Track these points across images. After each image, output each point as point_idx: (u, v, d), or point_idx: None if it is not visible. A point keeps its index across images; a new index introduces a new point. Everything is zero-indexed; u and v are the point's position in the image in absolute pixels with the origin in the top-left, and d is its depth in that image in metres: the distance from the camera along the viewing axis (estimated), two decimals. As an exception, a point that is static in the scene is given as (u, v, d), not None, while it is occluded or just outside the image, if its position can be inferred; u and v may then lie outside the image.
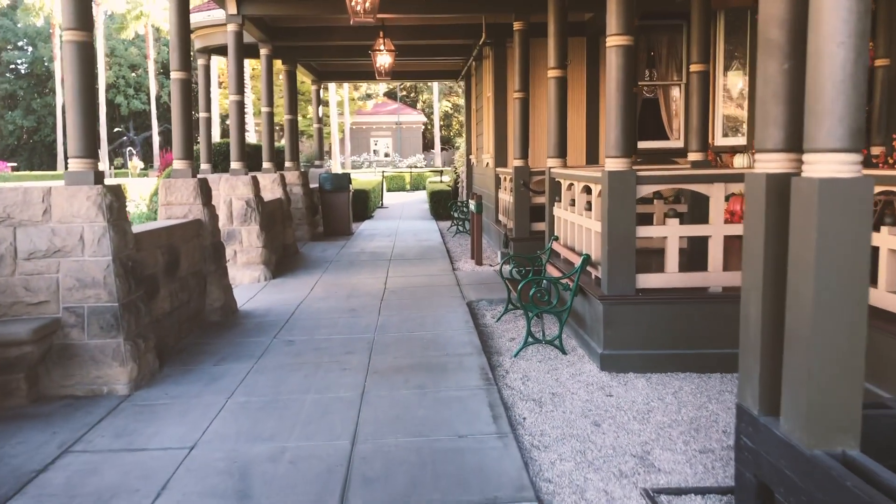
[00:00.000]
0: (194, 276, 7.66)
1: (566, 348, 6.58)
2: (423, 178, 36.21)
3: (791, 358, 3.04)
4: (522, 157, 10.81)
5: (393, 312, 8.12)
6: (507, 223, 11.84)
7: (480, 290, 9.34)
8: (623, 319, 5.90)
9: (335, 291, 9.58)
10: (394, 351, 6.53)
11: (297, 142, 15.33)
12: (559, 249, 7.69)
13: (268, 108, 12.97)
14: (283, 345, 6.86)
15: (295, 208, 14.78)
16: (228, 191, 10.56)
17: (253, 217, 10.54)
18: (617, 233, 5.85)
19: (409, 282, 10.15)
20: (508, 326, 7.61)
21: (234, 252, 10.52)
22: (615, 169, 5.85)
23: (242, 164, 10.67)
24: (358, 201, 19.85)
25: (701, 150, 8.29)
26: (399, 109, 58.60)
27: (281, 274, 11.00)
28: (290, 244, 12.95)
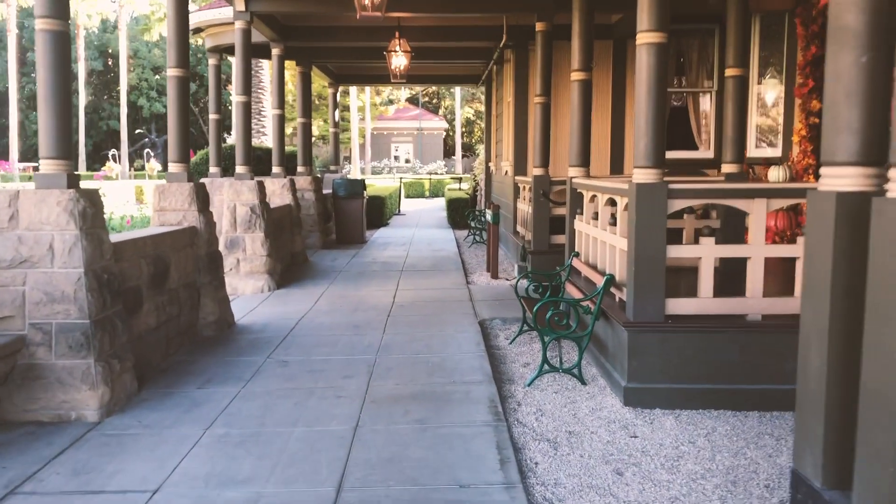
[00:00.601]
0: (186, 288, 7.13)
1: (586, 377, 5.96)
2: (442, 185, 35.67)
3: (870, 423, 2.41)
4: (543, 166, 10.21)
5: (399, 330, 7.54)
6: (526, 235, 11.24)
7: (495, 307, 8.74)
8: (650, 349, 5.28)
9: (340, 305, 9.02)
10: (395, 376, 5.95)
11: (309, 146, 14.84)
12: (580, 267, 7.08)
13: (278, 111, 12.48)
14: (277, 366, 6.30)
15: (306, 215, 14.27)
16: (233, 196, 10.06)
17: (258, 224, 10.02)
18: (645, 252, 5.24)
19: (419, 295, 9.57)
20: (523, 349, 7.00)
21: (237, 260, 10.01)
22: (644, 181, 5.24)
23: (248, 168, 10.17)
24: (373, 208, 19.33)
25: (736, 161, 7.64)
26: (421, 115, 58.20)
27: (286, 284, 10.47)
28: (299, 252, 12.43)
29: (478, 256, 13.73)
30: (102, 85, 65.51)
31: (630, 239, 5.34)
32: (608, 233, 6.25)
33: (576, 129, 7.68)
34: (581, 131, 7.66)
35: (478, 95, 60.77)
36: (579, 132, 7.66)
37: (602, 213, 6.54)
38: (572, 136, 7.74)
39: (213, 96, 13.67)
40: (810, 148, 9.78)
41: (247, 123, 10.15)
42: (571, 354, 6.51)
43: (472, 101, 61.05)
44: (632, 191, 5.29)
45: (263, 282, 9.98)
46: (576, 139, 7.68)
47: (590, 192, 7.10)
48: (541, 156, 10.22)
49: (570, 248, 7.80)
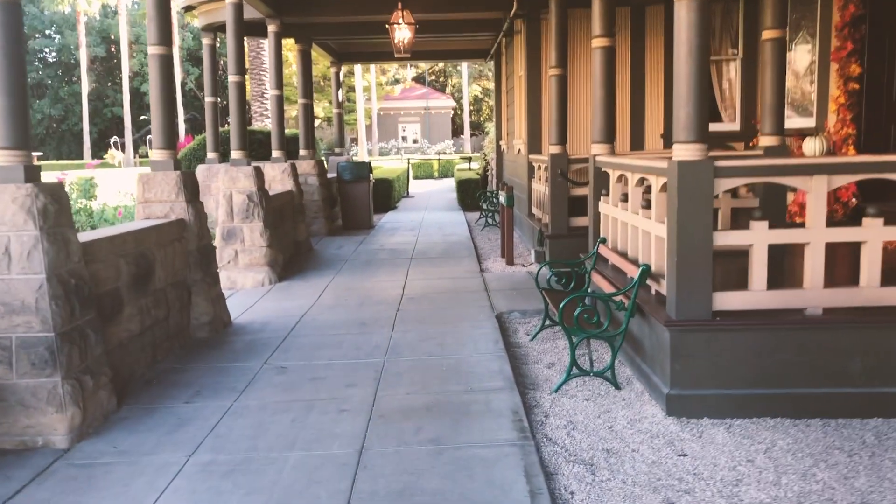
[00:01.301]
0: (175, 288, 6.51)
1: (619, 380, 5.30)
2: (451, 165, 34.91)
3: None
4: (560, 143, 9.49)
5: (409, 327, 6.90)
6: (542, 217, 10.55)
7: (512, 297, 8.07)
8: (696, 351, 4.61)
9: (346, 298, 8.38)
10: (406, 383, 5.31)
11: (312, 128, 14.15)
12: (607, 254, 6.40)
13: (276, 92, 11.79)
14: (274, 373, 5.68)
15: (310, 200, 13.62)
16: (228, 183, 9.41)
17: (256, 213, 9.37)
18: (689, 240, 4.55)
19: (430, 286, 8.92)
20: (546, 347, 6.35)
21: (236, 252, 9.38)
22: (687, 158, 4.54)
23: (244, 153, 9.51)
24: (380, 191, 18.66)
25: (776, 132, 6.92)
26: (428, 94, 57.30)
27: (288, 276, 9.84)
28: (303, 241, 11.79)
29: (491, 240, 13.05)
30: (105, 72, 64.82)
31: (671, 225, 4.66)
32: (641, 217, 5.56)
33: (599, 102, 6.96)
34: (605, 104, 6.95)
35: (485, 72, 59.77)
36: (603, 105, 6.94)
37: (633, 195, 5.85)
38: (595, 110, 7.03)
39: (208, 78, 12.98)
40: (849, 116, 9.00)
41: (241, 105, 9.48)
42: (602, 354, 5.86)
43: (480, 79, 60.07)
44: (672, 170, 4.60)
45: (264, 274, 9.35)
46: (599, 113, 6.96)
47: (617, 172, 6.41)
48: (557, 132, 9.50)
49: (594, 234, 7.11)
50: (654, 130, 11.71)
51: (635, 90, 11.67)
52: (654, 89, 11.62)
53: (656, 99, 11.62)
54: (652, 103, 11.65)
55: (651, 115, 11.68)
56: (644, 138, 11.74)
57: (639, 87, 11.68)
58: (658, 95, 11.60)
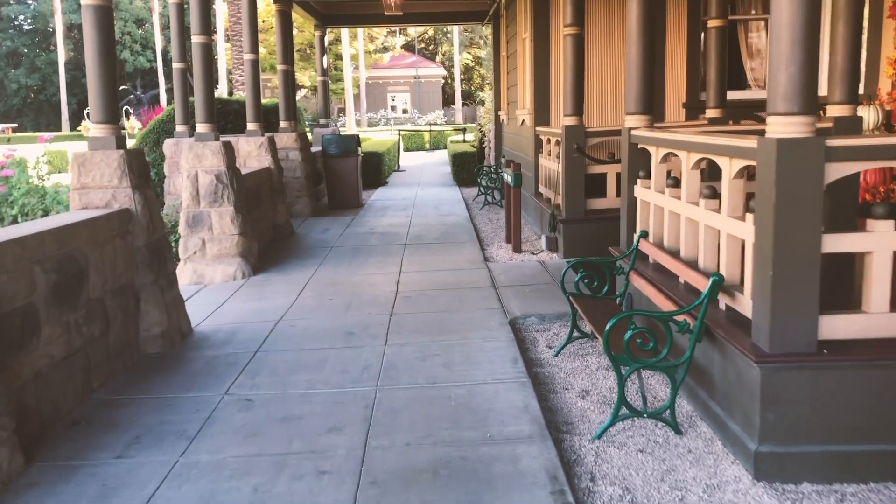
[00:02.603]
0: (117, 295, 5.27)
1: (679, 418, 4.13)
2: (443, 137, 33.49)
3: None
4: (575, 114, 8.24)
5: (406, 338, 5.70)
6: (554, 198, 9.32)
7: (525, 296, 6.87)
8: (796, 394, 3.44)
9: (330, 297, 7.16)
10: (405, 426, 4.12)
11: (293, 97, 12.80)
12: (650, 252, 5.19)
13: (251, 55, 10.44)
14: (237, 408, 4.47)
15: (292, 178, 12.33)
16: (193, 161, 8.12)
17: (226, 195, 8.11)
18: (790, 245, 3.35)
19: (428, 280, 7.71)
20: (575, 365, 5.16)
21: (203, 241, 8.13)
22: (790, 135, 3.32)
23: (211, 126, 8.21)
24: (370, 166, 17.35)
25: (848, 100, 5.67)
26: (417, 62, 55.58)
27: (265, 267, 8.59)
28: (283, 224, 10.53)
29: (492, 221, 11.82)
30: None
31: (762, 224, 3.45)
32: (703, 210, 4.35)
33: (634, 64, 5.70)
34: (641, 65, 5.68)
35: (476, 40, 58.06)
36: (638, 66, 5.68)
37: (689, 180, 4.63)
38: (629, 74, 5.77)
39: (175, 41, 11.57)
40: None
41: (207, 71, 8.16)
42: (657, 389, 4.68)
43: (471, 46, 58.40)
44: (767, 150, 3.38)
45: (236, 267, 8.11)
46: (635, 77, 5.71)
47: (662, 150, 5.18)
48: (573, 101, 8.24)
49: (627, 222, 5.90)
50: (675, 99, 10.45)
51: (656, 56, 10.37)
52: (676, 54, 10.35)
53: (678, 65, 10.35)
54: (673, 69, 10.38)
55: (672, 82, 10.41)
56: (664, 108, 10.48)
57: (659, 53, 10.39)
58: (680, 61, 10.33)
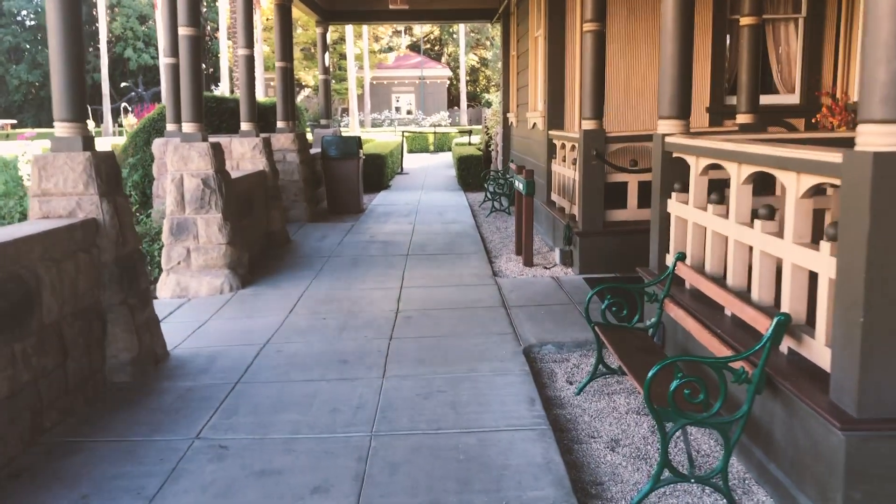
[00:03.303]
0: (78, 319, 4.61)
1: (732, 485, 3.46)
2: (448, 139, 32.83)
3: None
4: (595, 118, 7.58)
5: (407, 369, 5.04)
6: (569, 208, 8.66)
7: (540, 318, 6.20)
8: (889, 470, 2.77)
9: (324, 315, 6.50)
10: (404, 489, 3.45)
11: (291, 96, 12.15)
12: (689, 277, 4.52)
13: (246, 51, 9.80)
14: (207, 458, 3.81)
15: (289, 181, 11.68)
16: (178, 164, 7.47)
17: (213, 201, 7.45)
18: (890, 287, 2.69)
19: (432, 297, 7.05)
20: (600, 407, 4.50)
21: (187, 251, 7.47)
22: (889, 148, 2.65)
23: (198, 125, 7.56)
24: (372, 168, 16.70)
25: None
26: (423, 63, 54.94)
27: (255, 279, 7.93)
28: (278, 231, 9.87)
29: (500, 230, 11.16)
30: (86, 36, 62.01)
31: (851, 256, 2.79)
32: (760, 233, 3.69)
33: (669, 62, 5.03)
34: (677, 65, 5.01)
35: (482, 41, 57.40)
36: (675, 66, 5.01)
37: (739, 197, 3.97)
38: (663, 74, 5.10)
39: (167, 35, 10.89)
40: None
41: (195, 65, 7.50)
42: (699, 436, 4.01)
43: (477, 47, 57.79)
44: (860, 166, 2.72)
45: (223, 279, 7.46)
46: (669, 77, 5.03)
47: (704, 160, 4.51)
48: (592, 104, 7.58)
49: (660, 241, 5.22)
50: (698, 103, 9.76)
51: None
52: (700, 54, 9.67)
53: (702, 64, 9.68)
54: (697, 71, 9.67)
55: (696, 85, 9.66)
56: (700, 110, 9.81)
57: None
58: (704, 62, 9.67)
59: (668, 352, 4.71)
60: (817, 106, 9.45)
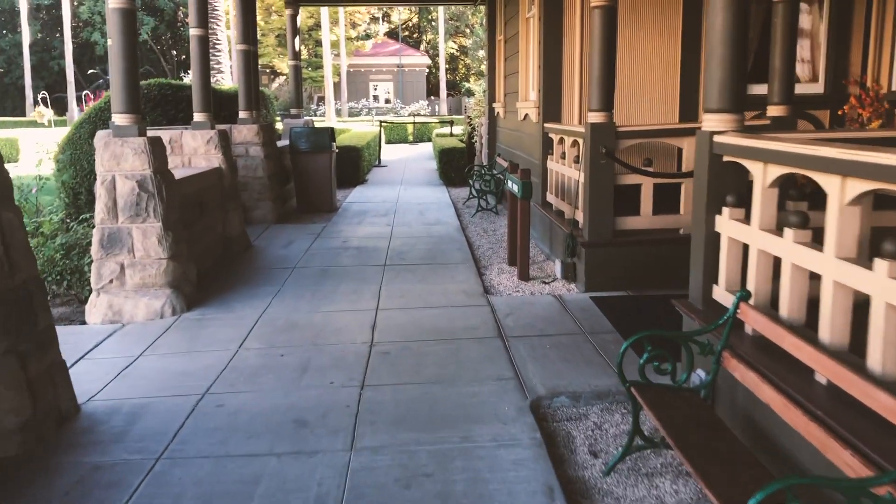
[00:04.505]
0: (-64, 379, 3.41)
1: None
2: (428, 130, 31.60)
3: None
4: (604, 109, 6.46)
5: (381, 438, 3.88)
6: (569, 212, 7.54)
7: (546, 354, 5.07)
8: None
9: (281, 351, 5.32)
10: None
11: (253, 83, 10.90)
12: (758, 324, 3.39)
13: (198, 31, 8.54)
14: None
15: (252, 177, 10.45)
16: (109, 163, 6.25)
17: (151, 208, 6.24)
18: None
19: (413, 322, 5.91)
20: (640, 495, 3.38)
21: (121, 267, 6.26)
22: None
23: (134, 117, 6.33)
24: (347, 162, 15.48)
25: None
26: (401, 51, 53.51)
27: (205, 299, 6.73)
28: (237, 236, 8.66)
29: (488, 233, 10.02)
30: (52, 21, 59.84)
31: None
32: (884, 276, 2.58)
33: (719, 39, 3.90)
34: (730, 43, 3.89)
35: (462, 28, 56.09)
36: (727, 44, 3.88)
37: (843, 223, 2.86)
38: (710, 55, 3.97)
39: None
40: None
41: (128, 44, 6.26)
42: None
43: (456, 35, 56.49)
44: None
45: (164, 300, 6.26)
46: (719, 58, 3.91)
47: (776, 168, 3.40)
48: (601, 93, 6.45)
49: (706, 269, 4.10)
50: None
51: (689, 41, 8.61)
52: (714, 36, 8.57)
53: (716, 50, 8.57)
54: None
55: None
56: (698, 105, 8.72)
57: (694, 37, 8.63)
58: (719, 45, 8.56)
59: (723, 415, 3.61)
60: (844, 96, 8.41)
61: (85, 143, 10.46)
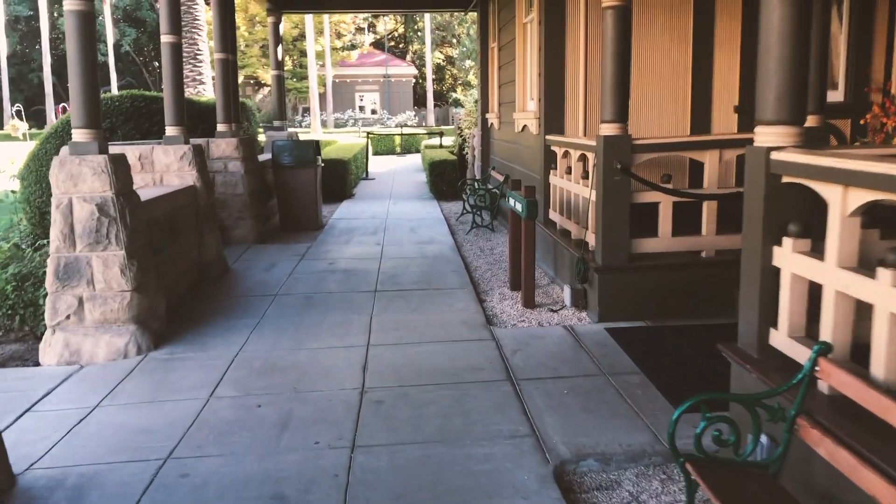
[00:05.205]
0: None
1: None
2: (416, 141, 30.96)
3: None
4: (618, 120, 5.84)
5: (379, 518, 3.21)
6: (577, 232, 6.90)
7: (564, 402, 4.41)
8: None
9: (259, 401, 4.63)
10: None
11: (233, 94, 10.23)
12: (844, 385, 2.74)
13: (171, 38, 7.86)
14: None
15: (231, 195, 9.76)
16: (65, 184, 5.55)
17: (113, 234, 5.54)
18: None
19: (409, 362, 5.23)
20: None
21: (79, 300, 5.56)
22: None
23: (94, 132, 5.64)
24: (333, 176, 14.80)
25: None
26: (387, 61, 52.95)
27: (175, 334, 6.03)
28: (213, 260, 7.96)
29: (485, 252, 9.36)
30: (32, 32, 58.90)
31: None
32: None
33: (776, 38, 3.28)
34: (790, 39, 3.26)
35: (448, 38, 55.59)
36: (785, 41, 3.25)
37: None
38: (765, 54, 3.34)
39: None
40: None
41: (86, 52, 5.58)
42: None
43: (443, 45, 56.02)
44: None
45: (128, 338, 5.55)
46: (776, 58, 3.27)
47: (860, 192, 2.77)
48: (614, 103, 5.82)
49: (761, 312, 3.44)
50: (724, 103, 8.10)
51: (700, 44, 8.01)
52: (727, 43, 8.00)
53: (729, 56, 8.00)
54: (723, 63, 8.02)
55: (722, 80, 8.06)
56: (711, 114, 8.12)
57: (704, 40, 8.03)
58: (732, 52, 7.99)
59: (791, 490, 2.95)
60: (866, 105, 7.84)
61: (51, 158, 9.72)
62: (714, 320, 5.86)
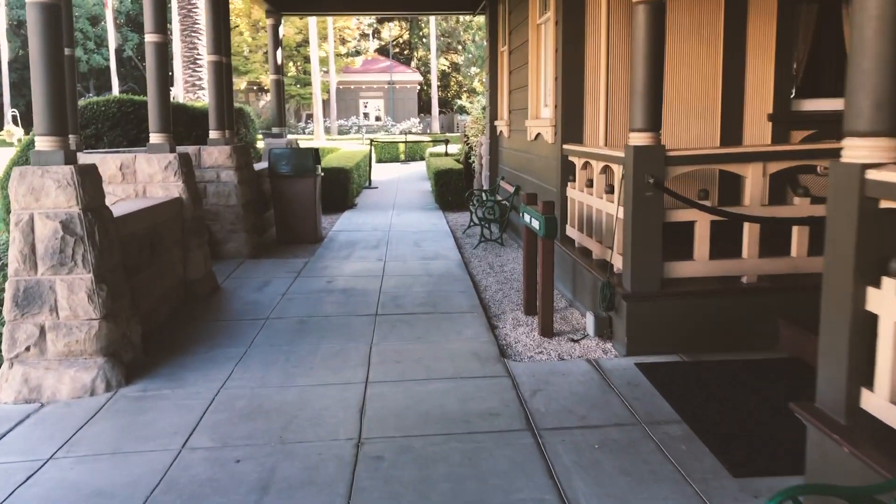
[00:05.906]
0: None
1: None
2: (420, 148, 30.35)
3: None
4: (649, 129, 5.19)
5: None
6: (599, 252, 6.25)
7: (595, 462, 3.75)
8: None
9: (239, 451, 3.98)
10: None
11: (227, 99, 9.61)
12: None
13: (156, 37, 7.23)
14: None
15: (224, 206, 9.13)
16: (26, 199, 4.92)
17: (80, 255, 4.90)
18: None
19: (413, 405, 4.57)
20: None
21: (41, 330, 4.91)
22: None
23: (59, 140, 5.01)
24: (335, 185, 14.18)
25: None
26: (392, 67, 52.47)
27: (151, 366, 5.38)
28: (201, 278, 7.32)
29: (494, 270, 8.71)
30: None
31: None
32: None
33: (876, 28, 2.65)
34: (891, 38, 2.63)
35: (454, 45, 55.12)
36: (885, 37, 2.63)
37: None
38: (861, 54, 2.71)
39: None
40: None
41: (52, 55, 4.95)
42: None
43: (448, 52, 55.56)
44: None
45: (95, 372, 4.90)
46: (875, 57, 2.65)
47: None
48: (645, 110, 5.17)
49: (851, 365, 2.79)
50: (757, 109, 7.46)
51: (731, 47, 7.37)
52: (761, 45, 7.36)
53: (763, 60, 7.36)
54: (756, 67, 7.38)
55: (754, 86, 7.41)
56: (742, 121, 7.47)
57: (736, 43, 7.39)
58: (766, 55, 7.34)
59: None
60: None
61: (31, 167, 9.09)
62: (756, 354, 5.21)
